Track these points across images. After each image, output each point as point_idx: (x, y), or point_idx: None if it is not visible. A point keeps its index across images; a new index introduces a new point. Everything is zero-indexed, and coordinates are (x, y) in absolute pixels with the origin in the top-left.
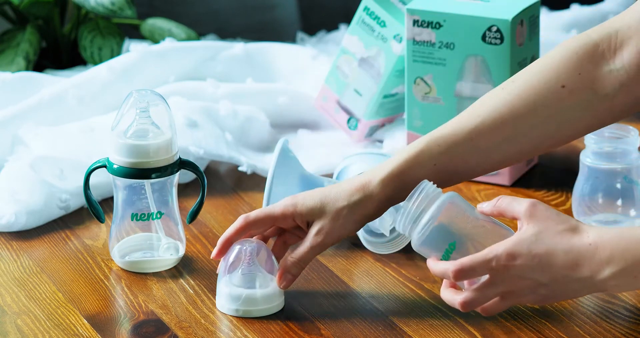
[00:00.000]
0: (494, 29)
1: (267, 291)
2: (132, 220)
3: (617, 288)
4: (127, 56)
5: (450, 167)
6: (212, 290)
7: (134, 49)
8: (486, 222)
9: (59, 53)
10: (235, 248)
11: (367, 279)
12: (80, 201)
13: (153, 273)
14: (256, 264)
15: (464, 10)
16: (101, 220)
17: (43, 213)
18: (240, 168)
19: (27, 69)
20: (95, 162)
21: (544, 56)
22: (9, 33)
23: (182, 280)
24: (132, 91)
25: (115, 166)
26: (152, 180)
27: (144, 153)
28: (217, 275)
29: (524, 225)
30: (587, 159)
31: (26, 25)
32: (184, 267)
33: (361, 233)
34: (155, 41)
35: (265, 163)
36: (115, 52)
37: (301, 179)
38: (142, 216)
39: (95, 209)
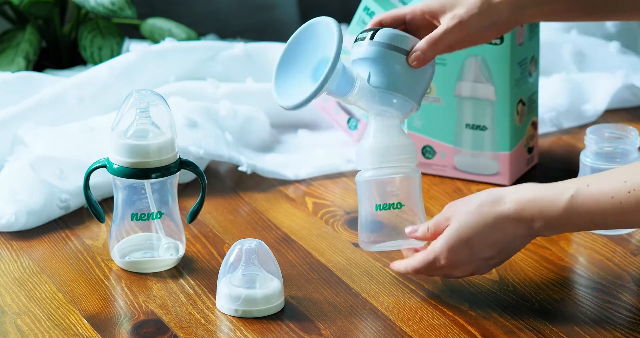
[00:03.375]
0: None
1: (267, 291)
2: (132, 220)
3: (536, 238)
4: (127, 56)
5: None
6: (212, 290)
7: (134, 49)
8: None
9: (59, 53)
10: (236, 248)
11: (367, 279)
12: (80, 201)
13: (153, 273)
14: (256, 264)
15: None
16: (101, 220)
17: (43, 213)
18: (240, 168)
19: (27, 69)
20: (95, 162)
21: None
22: (9, 33)
23: (182, 280)
24: (132, 91)
25: (115, 166)
26: (152, 180)
27: (144, 153)
28: (217, 275)
29: (450, 223)
30: (587, 159)
31: (26, 25)
32: (184, 267)
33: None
34: (155, 41)
35: (266, 163)
36: (115, 52)
37: (342, 68)
38: (142, 216)
39: (95, 209)
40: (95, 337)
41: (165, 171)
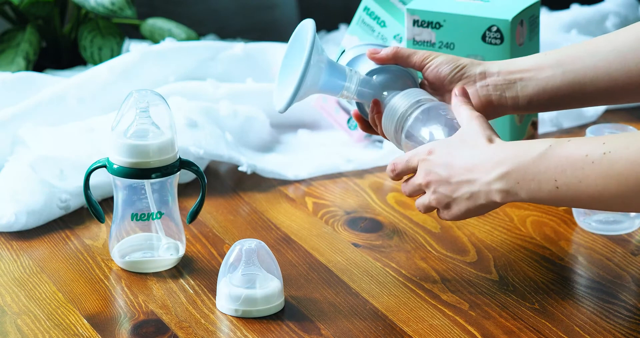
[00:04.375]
0: (494, 29)
1: (267, 291)
2: (132, 219)
3: (499, 194)
4: (127, 56)
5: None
6: (212, 290)
7: (134, 49)
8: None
9: (59, 53)
10: (236, 248)
11: (367, 279)
12: (80, 201)
13: (153, 273)
14: (256, 264)
15: (464, 10)
16: (101, 220)
17: (43, 213)
18: (240, 168)
19: (27, 69)
20: (95, 162)
21: None
22: (9, 33)
23: (182, 280)
24: (132, 91)
25: (115, 166)
26: (152, 180)
27: (144, 153)
28: (217, 275)
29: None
30: None
31: (26, 25)
32: (184, 267)
33: (390, 132)
34: (155, 41)
35: (266, 163)
36: (115, 52)
37: (328, 64)
38: (142, 216)
39: (95, 209)
40: (95, 337)
41: (165, 171)
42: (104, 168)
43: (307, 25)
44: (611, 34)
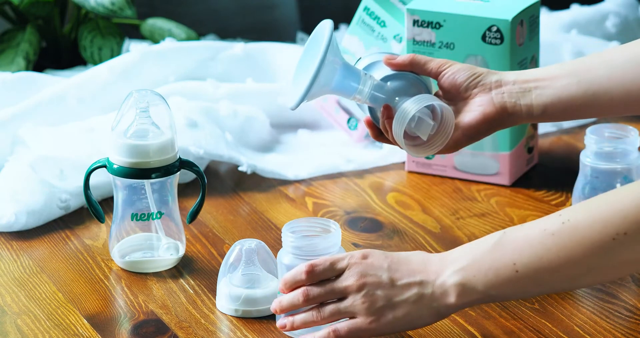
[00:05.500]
0: (494, 29)
1: (267, 291)
2: (132, 219)
3: (455, 290)
4: (127, 56)
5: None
6: (212, 290)
7: (134, 49)
8: None
9: (59, 53)
10: (236, 248)
11: None
12: (80, 201)
13: (153, 273)
14: (256, 264)
15: (464, 10)
16: (101, 220)
17: (43, 213)
18: (240, 168)
19: (27, 69)
20: (95, 162)
21: None
22: (9, 33)
23: (182, 280)
24: (132, 91)
25: (115, 166)
26: (152, 180)
27: (144, 153)
28: (217, 275)
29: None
30: (587, 159)
31: (26, 25)
32: (184, 267)
33: (400, 136)
34: (155, 41)
35: (266, 163)
36: (115, 52)
37: (342, 65)
38: (142, 216)
39: (95, 209)
40: (95, 337)
41: (165, 171)
42: (104, 168)
43: (325, 26)
44: (626, 45)
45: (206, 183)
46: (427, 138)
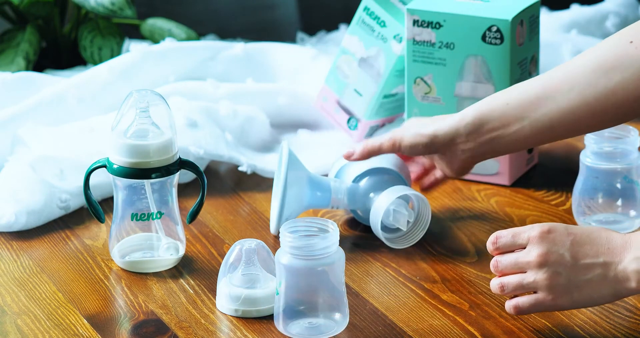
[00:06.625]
0: (494, 29)
1: (267, 291)
2: (132, 220)
3: (636, 276)
4: (127, 56)
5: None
6: (212, 290)
7: (134, 49)
8: None
9: (59, 53)
10: (235, 248)
11: (367, 279)
12: (80, 201)
13: (153, 273)
14: (256, 264)
15: (464, 10)
16: (101, 220)
17: (43, 213)
18: (240, 168)
19: (27, 69)
20: (95, 162)
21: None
22: (9, 33)
23: (182, 280)
24: (132, 91)
25: (115, 166)
26: (152, 180)
27: (144, 153)
28: (217, 275)
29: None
30: (587, 159)
31: (26, 25)
32: (184, 267)
33: (379, 232)
34: (155, 41)
35: (266, 163)
36: (115, 52)
37: (309, 181)
38: (142, 216)
39: (95, 209)
40: (95, 337)
41: (165, 171)
42: (104, 168)
43: (284, 151)
44: (569, 68)
45: (206, 183)
46: (407, 227)
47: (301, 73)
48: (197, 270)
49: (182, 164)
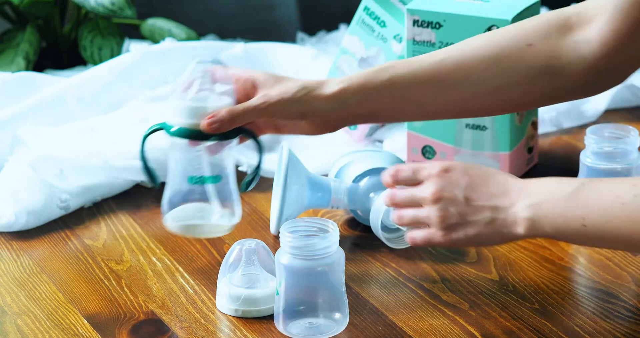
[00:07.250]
0: (494, 29)
1: (267, 291)
2: (188, 182)
3: (524, 223)
4: (127, 56)
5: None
6: (212, 290)
7: (134, 49)
8: None
9: (59, 53)
10: (235, 248)
11: (367, 279)
12: (81, 201)
13: (153, 273)
14: (256, 264)
15: (464, 10)
16: (156, 184)
17: (43, 213)
18: (240, 168)
19: (27, 69)
20: (153, 125)
21: (521, 21)
22: (9, 33)
23: (182, 280)
24: (194, 60)
25: (174, 128)
26: (210, 142)
27: (204, 115)
28: (217, 275)
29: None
30: (587, 159)
31: (26, 25)
32: (184, 267)
33: (379, 232)
34: (155, 41)
35: (266, 163)
36: (115, 52)
37: (308, 181)
38: (198, 180)
39: (150, 172)
40: (95, 337)
41: (223, 134)
42: (161, 131)
43: (284, 152)
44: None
45: (264, 151)
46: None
47: (301, 73)
48: (197, 270)
49: (240, 130)
